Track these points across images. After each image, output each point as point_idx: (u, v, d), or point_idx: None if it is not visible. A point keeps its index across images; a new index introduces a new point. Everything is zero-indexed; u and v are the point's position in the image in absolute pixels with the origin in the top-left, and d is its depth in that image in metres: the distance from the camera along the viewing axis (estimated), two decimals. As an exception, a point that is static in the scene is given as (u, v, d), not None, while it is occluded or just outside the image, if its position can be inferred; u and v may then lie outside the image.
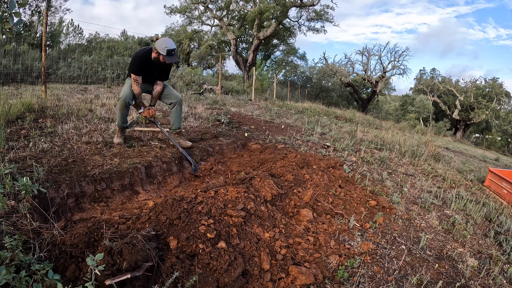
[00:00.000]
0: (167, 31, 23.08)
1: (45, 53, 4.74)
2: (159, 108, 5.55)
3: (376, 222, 2.47)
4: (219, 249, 1.57)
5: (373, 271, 1.88)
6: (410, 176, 4.06)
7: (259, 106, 8.57)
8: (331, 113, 10.20)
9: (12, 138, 2.86)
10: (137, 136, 3.65)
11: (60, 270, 1.35)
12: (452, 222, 2.80)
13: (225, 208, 1.93)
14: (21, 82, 7.30)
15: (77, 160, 2.69)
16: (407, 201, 3.11)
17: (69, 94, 5.74)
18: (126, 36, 22.44)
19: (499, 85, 22.91)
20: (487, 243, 2.57)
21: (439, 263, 2.08)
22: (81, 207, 2.30)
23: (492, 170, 4.51)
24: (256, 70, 14.24)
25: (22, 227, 1.55)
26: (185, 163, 3.35)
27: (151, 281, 1.35)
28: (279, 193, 2.42)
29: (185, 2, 17.73)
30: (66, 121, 3.64)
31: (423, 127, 16.23)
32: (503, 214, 3.21)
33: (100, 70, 9.90)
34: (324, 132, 6.11)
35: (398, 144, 5.90)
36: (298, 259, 1.82)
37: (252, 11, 15.62)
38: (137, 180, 2.79)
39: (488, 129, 24.64)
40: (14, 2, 1.24)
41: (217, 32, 20.64)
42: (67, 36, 18.09)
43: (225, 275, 1.47)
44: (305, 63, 25.58)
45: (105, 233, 1.47)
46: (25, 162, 2.40)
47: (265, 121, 6.39)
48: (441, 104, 24.72)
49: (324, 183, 2.82)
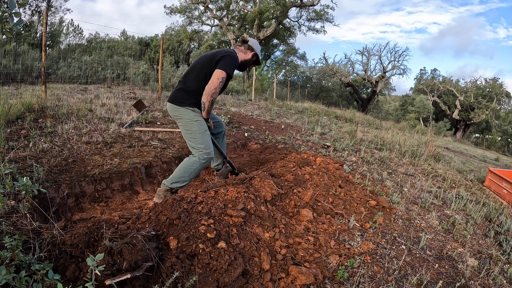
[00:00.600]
0: (167, 31, 23.09)
1: (45, 53, 4.74)
2: (159, 108, 5.55)
3: (376, 222, 2.47)
4: (219, 249, 1.57)
5: (373, 271, 1.88)
6: (410, 176, 4.06)
7: (259, 106, 8.57)
8: (331, 113, 10.19)
9: (12, 138, 2.86)
10: (137, 136, 3.65)
11: (60, 270, 1.35)
12: (452, 222, 2.80)
13: (225, 208, 1.93)
14: (21, 82, 7.30)
15: (77, 160, 2.69)
16: (407, 201, 3.11)
17: (69, 94, 5.74)
18: (126, 36, 22.44)
19: (499, 85, 22.93)
20: (487, 243, 2.57)
21: (439, 263, 2.08)
22: (81, 207, 2.30)
23: (492, 170, 4.51)
24: (256, 70, 14.24)
25: (22, 227, 1.55)
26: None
27: (151, 281, 1.35)
28: (279, 193, 2.42)
29: (185, 2, 17.74)
30: (66, 121, 3.64)
31: (423, 127, 16.24)
32: (503, 214, 3.21)
33: (100, 70, 9.90)
34: (324, 132, 6.11)
35: (398, 144, 5.90)
36: (298, 259, 1.81)
37: (252, 11, 15.62)
38: (137, 180, 2.79)
39: (488, 129, 24.65)
40: (14, 2, 1.24)
41: (217, 32, 20.65)
42: (67, 36, 18.11)
43: (225, 275, 1.47)
44: (305, 63, 25.60)
45: (105, 233, 1.47)
46: (25, 162, 2.40)
47: (265, 121, 6.39)
48: (441, 104, 24.72)
49: (324, 183, 2.82)
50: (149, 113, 4.86)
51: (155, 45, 20.56)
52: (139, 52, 17.67)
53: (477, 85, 23.71)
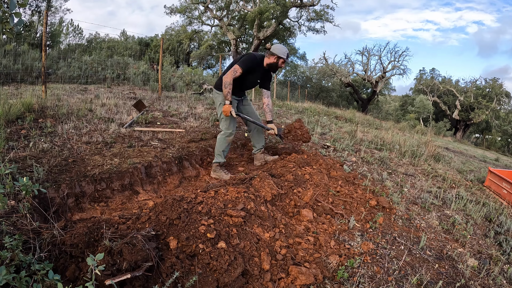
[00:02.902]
0: (167, 31, 23.09)
1: (45, 53, 4.74)
2: (159, 108, 5.55)
3: (376, 222, 2.47)
4: (219, 249, 1.57)
5: (373, 271, 1.88)
6: (410, 176, 4.06)
7: (259, 106, 8.57)
8: (331, 113, 10.19)
9: (12, 138, 2.86)
10: (137, 136, 3.65)
11: (60, 270, 1.35)
12: (452, 222, 2.80)
13: (225, 208, 1.93)
14: (21, 82, 7.30)
15: (77, 160, 2.69)
16: (407, 201, 3.11)
17: (69, 94, 5.74)
18: (126, 36, 22.44)
19: (499, 85, 22.93)
20: (487, 243, 2.57)
21: (439, 263, 2.08)
22: (81, 207, 2.30)
23: (492, 170, 4.51)
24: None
25: (22, 227, 1.55)
26: (185, 163, 3.34)
27: (151, 281, 1.35)
28: (279, 193, 2.42)
29: (185, 2, 17.74)
30: (66, 121, 3.64)
31: (423, 127, 16.24)
32: (503, 214, 3.21)
33: (100, 70, 9.90)
34: (324, 132, 6.11)
35: (398, 144, 5.90)
36: (298, 259, 1.81)
37: (252, 11, 15.62)
38: (137, 180, 2.79)
39: (488, 129, 24.64)
40: (14, 2, 1.25)
41: (217, 32, 20.66)
42: (67, 36, 18.11)
43: (225, 275, 1.47)
44: (305, 63, 25.61)
45: (105, 233, 1.47)
46: (25, 162, 2.40)
47: (265, 121, 6.39)
48: (441, 104, 24.72)
49: (324, 183, 2.82)
50: (149, 113, 4.86)
51: (155, 45, 20.56)
52: (139, 52, 17.66)
53: (477, 85, 23.71)
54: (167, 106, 5.87)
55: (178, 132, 4.11)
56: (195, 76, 11.91)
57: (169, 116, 5.04)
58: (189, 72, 12.28)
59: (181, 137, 3.93)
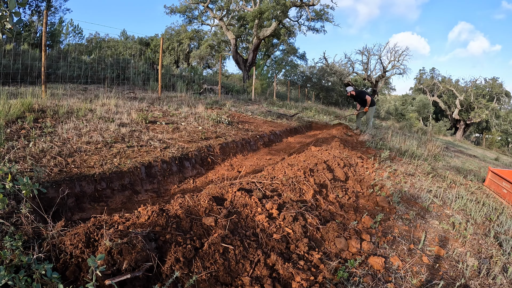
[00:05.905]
0: (167, 31, 23.08)
1: (45, 53, 4.74)
2: (159, 108, 5.55)
3: (376, 222, 2.46)
4: (220, 248, 1.57)
5: (373, 271, 1.88)
6: (410, 176, 4.06)
7: (259, 105, 8.57)
8: (331, 112, 10.18)
9: (12, 138, 2.86)
10: (137, 136, 3.65)
11: (60, 270, 1.35)
12: (452, 222, 2.80)
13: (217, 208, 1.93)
14: (21, 82, 7.29)
15: (77, 160, 2.69)
16: (407, 201, 3.11)
17: (69, 94, 5.74)
18: (126, 36, 22.44)
19: (499, 84, 22.91)
20: (487, 243, 2.57)
21: (439, 263, 2.08)
22: (81, 207, 2.30)
23: (492, 170, 4.51)
24: (256, 69, 14.23)
25: (22, 227, 1.55)
26: (185, 163, 3.34)
27: (151, 281, 1.35)
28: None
29: (185, 2, 17.72)
30: (66, 121, 3.64)
31: (423, 126, 16.23)
32: (503, 214, 3.21)
33: (100, 70, 9.89)
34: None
35: (398, 143, 5.90)
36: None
37: (252, 11, 15.60)
38: (137, 180, 2.79)
39: (488, 128, 24.63)
40: (14, 2, 1.24)
41: (217, 31, 20.64)
42: (67, 36, 18.10)
43: (226, 275, 1.46)
44: (305, 63, 25.58)
45: (105, 233, 1.46)
46: (25, 162, 2.40)
47: (265, 121, 6.39)
48: (441, 103, 24.71)
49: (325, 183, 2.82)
50: (149, 113, 4.86)
51: (155, 45, 20.55)
52: (139, 52, 17.65)
53: (477, 84, 23.68)
54: (167, 106, 5.87)
55: (178, 132, 4.10)
56: (195, 76, 11.91)
57: (169, 115, 5.04)
58: (189, 72, 12.27)
59: (180, 137, 3.93)
